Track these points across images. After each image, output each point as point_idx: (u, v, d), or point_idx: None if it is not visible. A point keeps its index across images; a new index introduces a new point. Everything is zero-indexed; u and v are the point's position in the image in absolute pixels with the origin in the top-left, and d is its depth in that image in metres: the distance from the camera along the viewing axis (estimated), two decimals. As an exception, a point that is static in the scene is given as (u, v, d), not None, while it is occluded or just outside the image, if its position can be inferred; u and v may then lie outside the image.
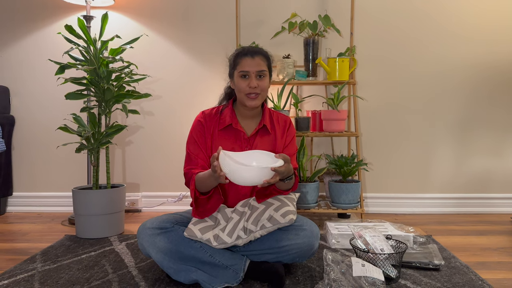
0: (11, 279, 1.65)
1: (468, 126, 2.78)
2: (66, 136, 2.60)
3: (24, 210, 2.90)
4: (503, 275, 1.69)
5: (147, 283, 1.58)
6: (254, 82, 1.64)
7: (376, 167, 2.82)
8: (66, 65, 2.24)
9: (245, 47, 1.72)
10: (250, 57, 1.65)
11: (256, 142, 1.72)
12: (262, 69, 1.65)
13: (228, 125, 1.71)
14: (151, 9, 2.82)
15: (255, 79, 1.65)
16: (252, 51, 1.67)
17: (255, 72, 1.65)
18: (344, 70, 2.51)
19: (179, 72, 2.84)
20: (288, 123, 1.80)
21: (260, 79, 1.66)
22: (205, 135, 1.71)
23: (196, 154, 1.69)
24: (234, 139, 1.71)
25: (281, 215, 1.53)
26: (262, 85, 1.66)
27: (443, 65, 2.76)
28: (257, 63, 1.65)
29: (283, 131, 1.77)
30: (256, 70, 1.64)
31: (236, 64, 1.68)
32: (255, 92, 1.65)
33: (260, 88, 1.65)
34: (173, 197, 2.88)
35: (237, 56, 1.69)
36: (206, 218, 1.61)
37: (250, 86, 1.64)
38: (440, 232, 2.31)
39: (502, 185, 2.79)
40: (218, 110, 1.77)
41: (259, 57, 1.66)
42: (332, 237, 2.01)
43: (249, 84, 1.64)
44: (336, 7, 2.74)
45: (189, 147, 1.72)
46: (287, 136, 1.77)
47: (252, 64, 1.65)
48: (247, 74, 1.65)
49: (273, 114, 1.81)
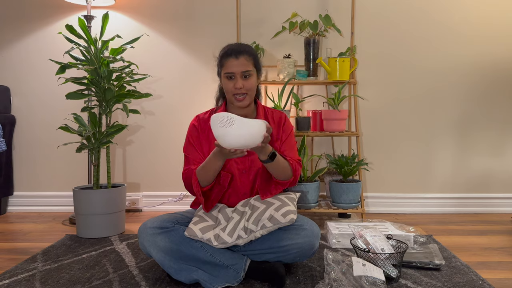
0: (12, 278, 1.65)
1: (469, 125, 2.78)
2: (67, 136, 2.61)
3: (25, 210, 2.91)
4: (504, 275, 1.69)
5: (147, 283, 1.59)
6: (239, 83, 1.63)
7: (377, 166, 2.82)
8: (66, 65, 2.24)
9: (230, 46, 1.69)
10: (234, 58, 1.64)
11: None
12: (246, 69, 1.64)
13: None
14: (151, 9, 2.82)
15: (240, 79, 1.64)
16: (237, 51, 1.65)
17: (240, 73, 1.64)
18: (345, 70, 2.51)
19: (179, 72, 2.84)
20: (283, 118, 1.79)
21: (245, 79, 1.65)
22: (200, 139, 1.73)
23: (192, 156, 1.71)
24: None
25: (281, 214, 1.53)
26: (247, 85, 1.65)
27: (444, 65, 2.76)
28: (241, 63, 1.64)
29: (278, 127, 1.76)
30: (241, 71, 1.64)
31: (222, 65, 1.68)
32: (242, 93, 1.65)
33: (245, 88, 1.65)
34: (174, 197, 2.88)
35: (222, 57, 1.68)
36: (206, 217, 1.61)
37: (235, 87, 1.64)
38: (441, 232, 2.31)
39: (503, 185, 2.79)
40: (212, 112, 1.79)
41: (243, 56, 1.64)
42: (333, 237, 2.01)
43: (235, 85, 1.64)
44: (337, 7, 2.74)
45: (186, 150, 1.74)
46: (283, 132, 1.76)
47: (237, 64, 1.63)
48: (232, 75, 1.64)
49: (267, 111, 1.80)
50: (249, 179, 1.71)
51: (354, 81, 2.59)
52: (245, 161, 1.71)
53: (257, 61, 1.71)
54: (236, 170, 1.70)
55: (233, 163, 1.70)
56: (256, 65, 1.70)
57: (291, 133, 1.78)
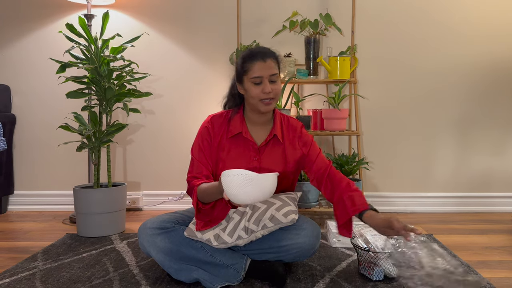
0: (13, 277, 1.65)
1: (469, 124, 2.78)
2: (67, 135, 2.61)
3: (25, 209, 2.91)
4: (504, 274, 1.68)
5: (148, 282, 1.59)
6: (269, 87, 1.53)
7: (377, 166, 2.82)
8: (67, 64, 2.24)
9: (253, 50, 1.59)
10: (261, 61, 1.54)
11: (266, 152, 1.64)
12: (274, 72, 1.55)
13: (238, 133, 1.63)
14: (152, 7, 2.81)
15: (269, 84, 1.54)
16: (263, 54, 1.55)
17: (268, 77, 1.54)
18: (345, 69, 2.50)
19: (180, 71, 2.84)
20: (299, 128, 1.71)
21: (273, 83, 1.56)
22: (211, 142, 1.63)
23: (200, 161, 1.61)
24: (243, 148, 1.62)
25: (283, 214, 1.52)
26: (276, 89, 1.56)
27: (445, 64, 2.75)
28: (269, 66, 1.54)
29: (293, 139, 1.68)
30: (269, 75, 1.54)
31: (246, 69, 1.56)
32: (270, 98, 1.56)
33: (274, 92, 1.55)
34: (174, 196, 2.88)
35: (245, 61, 1.56)
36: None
37: (264, 92, 1.53)
38: (441, 231, 2.31)
39: (504, 184, 2.78)
40: (227, 115, 1.67)
41: (270, 59, 1.55)
42: (333, 236, 2.01)
43: (263, 89, 1.53)
44: (337, 6, 2.74)
45: (194, 152, 1.64)
46: (304, 143, 1.68)
47: (264, 68, 1.53)
48: (261, 80, 1.54)
49: (283, 120, 1.71)
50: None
51: (355, 80, 2.58)
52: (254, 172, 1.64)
53: (280, 64, 1.62)
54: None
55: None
56: (280, 69, 1.61)
57: (312, 142, 1.69)
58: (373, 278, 1.58)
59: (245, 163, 1.61)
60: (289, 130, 1.69)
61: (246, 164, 1.61)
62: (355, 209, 1.51)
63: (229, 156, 1.62)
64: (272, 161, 1.63)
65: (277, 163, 1.64)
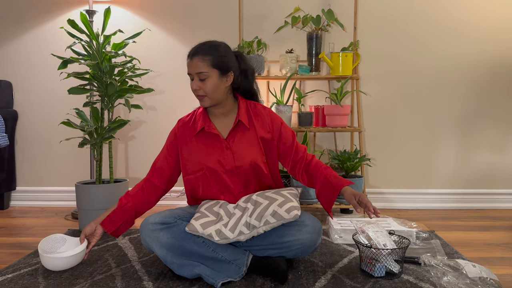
0: (15, 273, 1.66)
1: (471, 121, 2.77)
2: (69, 131, 2.61)
3: (28, 205, 2.92)
4: (506, 271, 1.68)
5: (150, 277, 1.59)
6: (194, 85, 1.60)
7: (379, 162, 2.81)
8: (68, 60, 2.23)
9: (194, 46, 1.64)
10: (189, 59, 1.61)
11: (236, 140, 1.66)
12: (199, 71, 1.58)
13: (201, 129, 1.67)
14: (153, 3, 2.81)
15: (197, 81, 1.60)
16: (193, 52, 1.61)
17: (195, 75, 1.60)
18: (348, 65, 2.50)
19: (181, 67, 2.82)
20: (267, 112, 1.72)
21: (202, 82, 1.59)
22: (177, 145, 1.72)
23: (157, 161, 1.80)
24: (212, 142, 1.67)
25: (285, 210, 1.52)
26: (204, 88, 1.59)
27: (447, 60, 2.74)
28: (194, 65, 1.59)
29: (263, 123, 1.70)
30: (195, 73, 1.59)
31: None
32: (199, 94, 1.61)
33: (202, 90, 1.60)
34: (176, 192, 2.88)
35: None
36: (208, 213, 1.59)
37: (191, 88, 1.61)
38: (443, 228, 2.31)
39: (506, 181, 2.78)
40: (193, 114, 1.74)
41: (196, 57, 1.59)
42: (335, 232, 2.01)
43: (191, 86, 1.62)
44: (340, 2, 2.72)
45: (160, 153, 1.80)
46: (274, 127, 1.70)
47: (190, 66, 1.60)
48: (192, 77, 1.62)
49: (250, 106, 1.72)
50: (240, 179, 1.67)
51: (357, 76, 2.58)
52: (230, 162, 1.65)
53: (218, 60, 1.59)
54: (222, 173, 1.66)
55: (217, 164, 1.65)
56: (217, 65, 1.59)
57: (282, 124, 1.71)
58: (374, 274, 1.58)
59: (217, 155, 1.65)
60: (257, 116, 1.71)
61: (219, 156, 1.65)
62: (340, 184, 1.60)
63: (201, 153, 1.67)
64: (244, 146, 1.66)
65: (251, 146, 1.67)
